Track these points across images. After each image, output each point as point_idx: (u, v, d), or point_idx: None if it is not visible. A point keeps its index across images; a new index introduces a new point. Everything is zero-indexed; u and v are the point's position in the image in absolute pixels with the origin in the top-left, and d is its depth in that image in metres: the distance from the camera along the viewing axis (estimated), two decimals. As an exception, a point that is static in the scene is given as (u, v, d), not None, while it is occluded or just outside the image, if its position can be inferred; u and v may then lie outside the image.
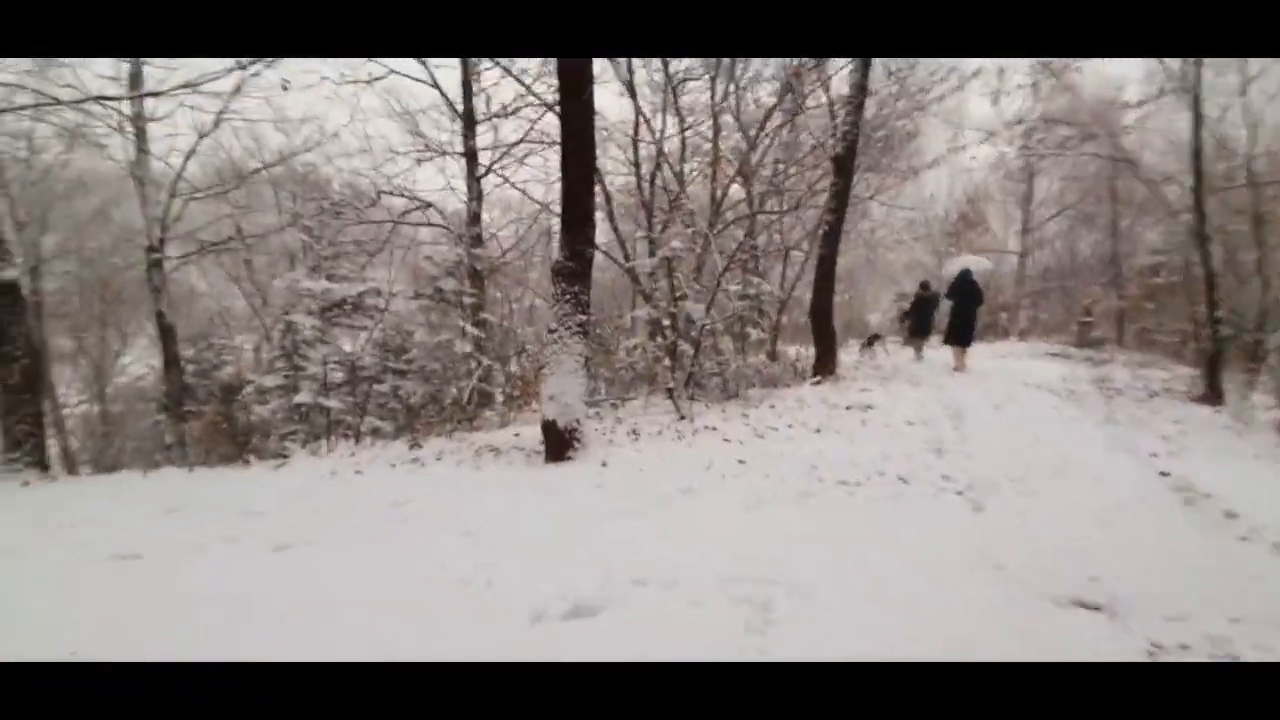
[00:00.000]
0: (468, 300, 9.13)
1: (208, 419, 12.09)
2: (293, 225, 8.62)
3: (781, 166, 11.03)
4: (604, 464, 4.89)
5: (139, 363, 19.38)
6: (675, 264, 7.59)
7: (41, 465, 6.41)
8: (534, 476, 4.69)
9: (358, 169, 10.98)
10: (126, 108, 9.72)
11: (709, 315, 7.28)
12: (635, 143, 10.51)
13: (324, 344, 7.75)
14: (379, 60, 10.39)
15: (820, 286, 9.00)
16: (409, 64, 10.91)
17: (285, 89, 9.33)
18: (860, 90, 8.37)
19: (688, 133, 10.76)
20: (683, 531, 3.49)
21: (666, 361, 7.04)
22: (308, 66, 9.69)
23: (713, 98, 10.73)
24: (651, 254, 9.12)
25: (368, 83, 10.41)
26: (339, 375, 8.19)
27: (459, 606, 2.70)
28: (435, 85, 11.58)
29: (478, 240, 10.61)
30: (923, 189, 19.81)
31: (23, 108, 7.41)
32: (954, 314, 10.18)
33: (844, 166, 8.55)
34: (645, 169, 10.67)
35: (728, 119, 11.12)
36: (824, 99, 9.99)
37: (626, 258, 9.71)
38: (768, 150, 11.19)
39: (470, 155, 11.36)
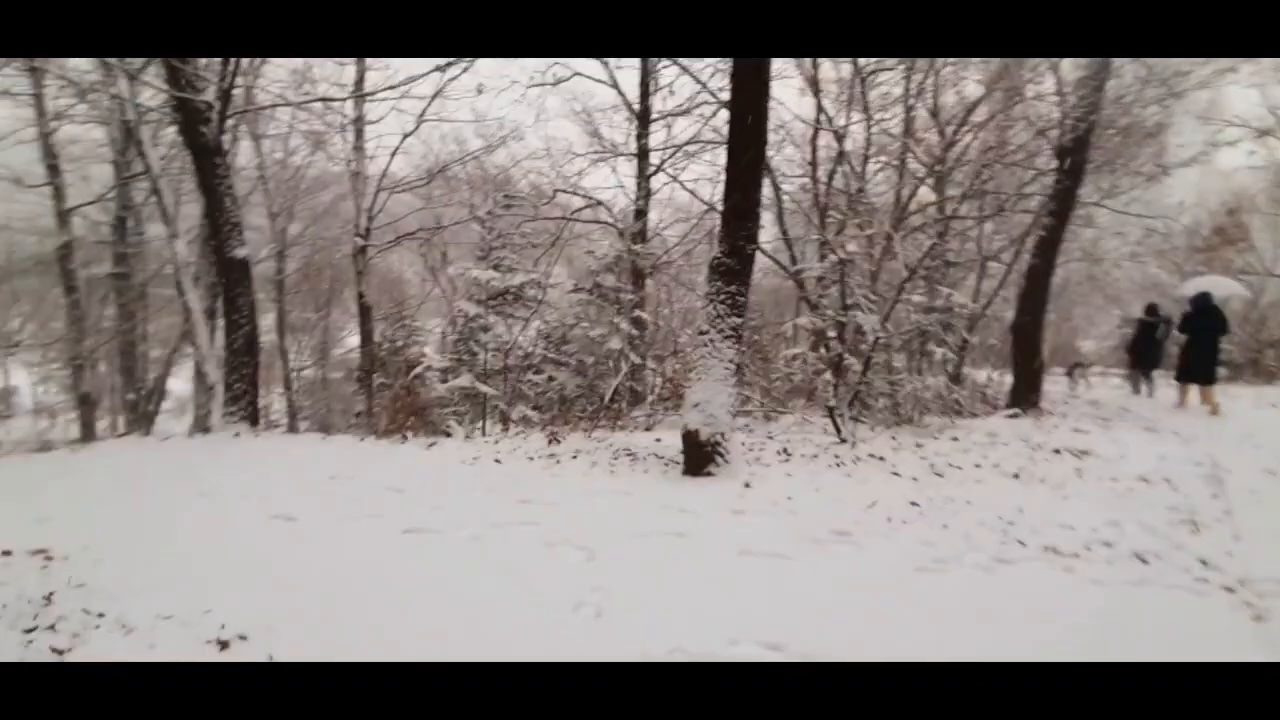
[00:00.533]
0: (626, 297, 9.07)
1: (393, 392, 13.42)
2: (471, 219, 9.16)
3: (985, 165, 9.61)
4: (747, 485, 4.38)
5: (354, 336, 22.38)
6: (848, 269, 6.81)
7: (252, 420, 7.32)
8: (668, 491, 4.30)
9: (539, 168, 11.52)
10: (350, 111, 11.02)
11: (883, 328, 6.41)
12: (814, 141, 9.77)
13: (484, 331, 8.09)
14: (563, 63, 10.81)
15: (1027, 301, 7.62)
16: (591, 67, 11.24)
17: (480, 92, 9.95)
18: (1102, 70, 6.92)
19: (874, 129, 9.78)
20: (834, 587, 2.89)
21: (829, 376, 6.31)
22: (501, 71, 10.29)
23: (906, 90, 9.64)
24: (822, 259, 8.35)
25: (553, 84, 10.85)
26: (500, 362, 8.51)
27: (562, 636, 2.39)
28: (614, 85, 11.84)
29: (641, 237, 10.56)
30: (1166, 194, 16.41)
31: (266, 106, 8.58)
32: (1189, 345, 8.08)
33: (1072, 162, 7.13)
34: (823, 169, 9.88)
35: (922, 112, 9.94)
36: (1049, 84, 8.48)
37: (794, 261, 9.03)
38: (969, 146, 9.82)
39: (642, 153, 11.41)
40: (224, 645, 2.35)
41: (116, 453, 5.99)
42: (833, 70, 9.79)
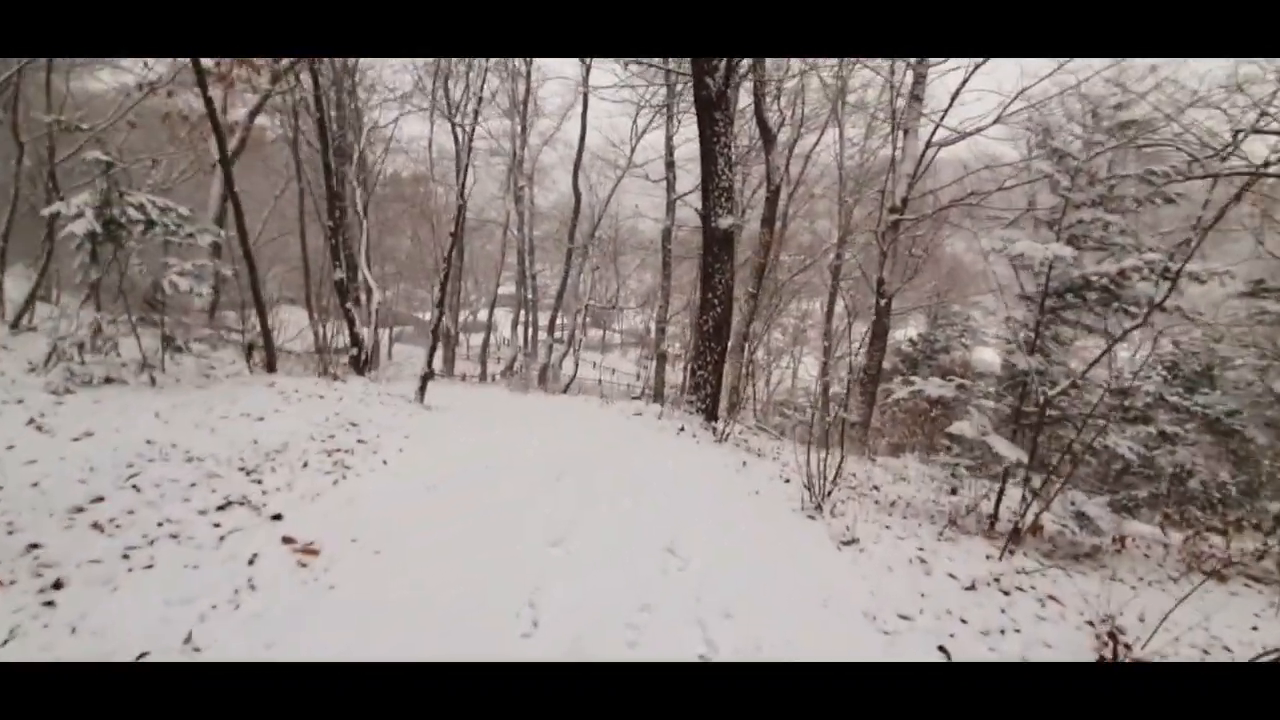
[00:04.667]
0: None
1: (917, 405, 10.88)
2: (1040, 157, 5.51)
3: None
4: None
5: (910, 329, 20.28)
6: None
7: (709, 413, 6.36)
8: None
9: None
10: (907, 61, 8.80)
11: None
12: None
13: (1036, 352, 4.76)
14: None
15: None
16: None
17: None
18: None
19: None
20: None
21: None
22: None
23: None
24: None
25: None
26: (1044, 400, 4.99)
27: None
28: None
29: None
30: None
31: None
32: None
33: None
34: None
35: None
36: None
37: None
38: None
39: None
40: None
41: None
42: None
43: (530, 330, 24.31)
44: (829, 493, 3.70)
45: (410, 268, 25.97)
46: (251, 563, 2.57)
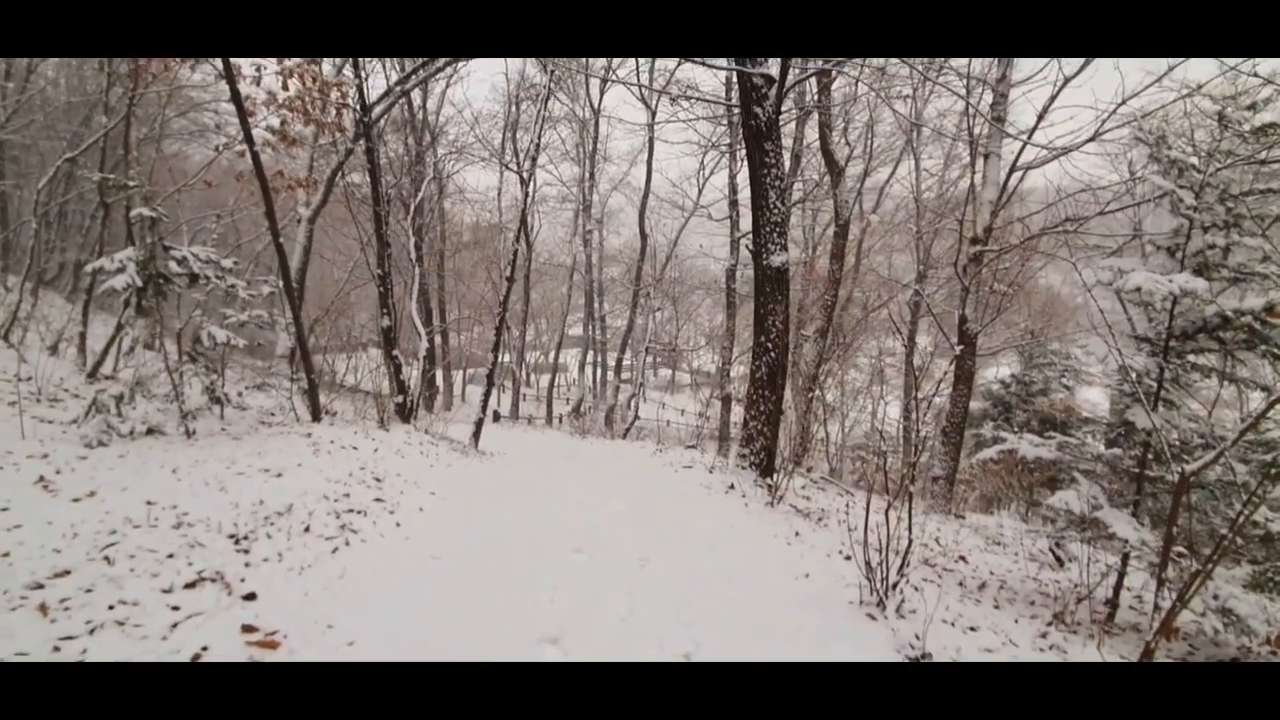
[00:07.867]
0: None
1: (1011, 458, 9.71)
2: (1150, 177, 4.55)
3: None
4: None
5: (997, 368, 18.63)
6: None
7: (764, 469, 5.74)
8: None
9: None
10: (994, 71, 8.12)
11: None
12: None
13: (1162, 403, 3.88)
14: None
15: None
16: None
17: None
18: None
19: None
20: None
21: None
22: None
23: None
24: None
25: None
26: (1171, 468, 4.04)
27: None
28: None
29: None
30: None
31: (827, 68, 6.73)
32: None
33: None
34: None
35: None
36: None
37: None
38: None
39: None
40: None
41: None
42: None
43: (599, 371, 24.25)
44: (895, 584, 3.03)
45: (486, 312, 26.69)
46: (195, 660, 2.25)
